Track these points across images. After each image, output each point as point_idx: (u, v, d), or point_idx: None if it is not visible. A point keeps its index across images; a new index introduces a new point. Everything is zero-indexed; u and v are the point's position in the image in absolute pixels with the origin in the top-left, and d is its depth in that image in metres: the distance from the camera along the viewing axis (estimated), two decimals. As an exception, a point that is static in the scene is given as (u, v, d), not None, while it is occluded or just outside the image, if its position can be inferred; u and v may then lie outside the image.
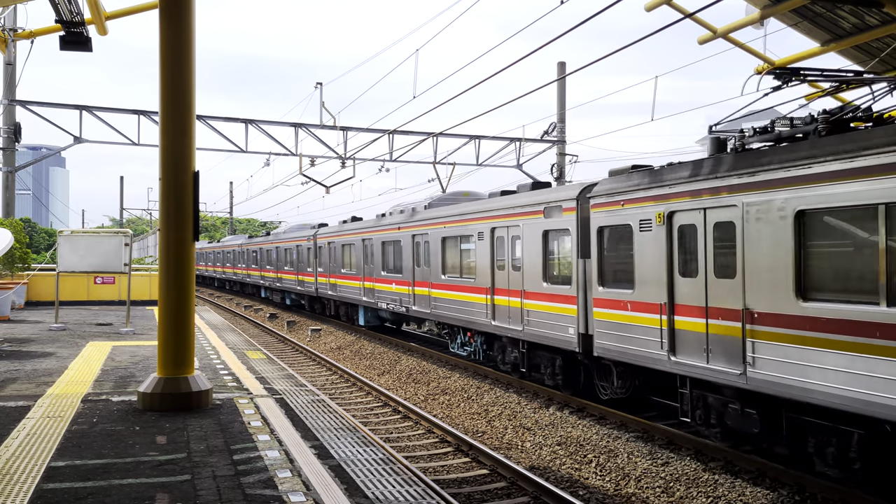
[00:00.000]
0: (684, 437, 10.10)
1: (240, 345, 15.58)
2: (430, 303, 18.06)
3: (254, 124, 27.79)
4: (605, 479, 9.33)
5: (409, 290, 19.37)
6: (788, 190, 8.19)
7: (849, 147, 7.56)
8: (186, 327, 8.66)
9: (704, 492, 8.51)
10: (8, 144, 24.03)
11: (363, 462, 6.46)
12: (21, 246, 21.85)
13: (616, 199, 11.14)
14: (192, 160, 8.71)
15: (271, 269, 36.42)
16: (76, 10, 11.83)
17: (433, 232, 17.94)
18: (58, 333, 16.31)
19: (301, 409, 8.68)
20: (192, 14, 8.67)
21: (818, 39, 13.91)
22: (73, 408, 8.45)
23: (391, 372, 17.62)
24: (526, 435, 11.42)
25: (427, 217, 18.57)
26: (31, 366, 11.58)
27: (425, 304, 18.34)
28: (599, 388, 12.25)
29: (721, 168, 9.23)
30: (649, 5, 13.35)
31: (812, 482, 8.22)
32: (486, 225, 15.19)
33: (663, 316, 10.11)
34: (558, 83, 29.15)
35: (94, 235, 18.23)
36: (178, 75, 8.57)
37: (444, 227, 17.33)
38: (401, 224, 20.13)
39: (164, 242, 8.58)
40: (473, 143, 30.11)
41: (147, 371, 10.91)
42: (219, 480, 5.78)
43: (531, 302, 13.47)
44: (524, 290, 13.67)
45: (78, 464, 6.20)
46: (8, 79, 23.91)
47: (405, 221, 19.88)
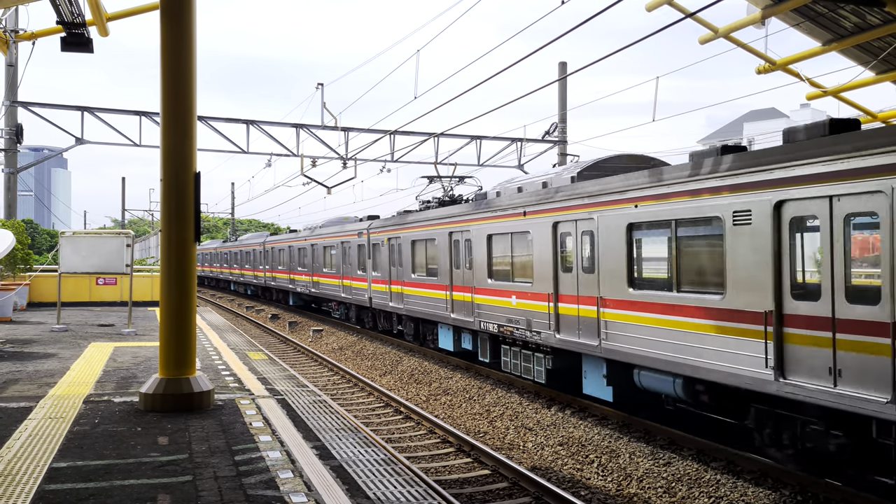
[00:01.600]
0: (686, 438, 10.08)
1: (241, 345, 15.59)
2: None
3: (255, 125, 27.81)
4: (607, 479, 9.32)
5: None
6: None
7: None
8: (188, 328, 8.67)
9: (706, 492, 8.50)
10: (10, 146, 24.06)
11: (365, 462, 6.46)
12: (23, 247, 21.87)
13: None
14: (194, 161, 8.71)
15: (304, 272, 30.85)
16: (77, 12, 11.85)
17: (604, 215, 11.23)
18: (60, 334, 16.33)
19: (303, 409, 8.68)
20: (193, 15, 8.68)
21: (820, 39, 13.90)
22: (75, 409, 8.46)
23: (393, 372, 17.62)
24: (528, 435, 11.41)
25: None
26: (33, 367, 11.59)
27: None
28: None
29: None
30: (650, 5, 13.35)
31: (814, 483, 8.21)
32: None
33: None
34: (559, 83, 29.15)
35: (96, 236, 18.25)
36: (179, 76, 8.57)
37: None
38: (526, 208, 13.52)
39: (166, 243, 8.58)
40: (475, 144, 30.12)
41: (149, 372, 10.92)
42: (220, 481, 5.78)
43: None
44: None
45: (80, 465, 6.20)
46: (9, 80, 23.95)
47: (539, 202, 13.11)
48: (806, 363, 7.81)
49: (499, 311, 14.62)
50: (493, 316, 14.86)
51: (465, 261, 16.23)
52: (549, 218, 12.73)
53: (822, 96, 15.39)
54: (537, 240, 13.10)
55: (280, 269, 35.48)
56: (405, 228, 19.77)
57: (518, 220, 13.79)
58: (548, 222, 12.74)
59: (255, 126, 27.80)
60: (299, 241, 31.74)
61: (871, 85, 14.80)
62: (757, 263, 8.45)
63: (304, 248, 30.93)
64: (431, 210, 18.81)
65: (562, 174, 13.36)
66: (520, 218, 13.72)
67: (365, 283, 22.94)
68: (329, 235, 27.34)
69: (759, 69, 14.87)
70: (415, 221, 19.17)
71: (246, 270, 44.76)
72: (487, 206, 15.19)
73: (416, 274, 19.02)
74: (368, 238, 22.61)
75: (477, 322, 15.53)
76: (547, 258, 12.78)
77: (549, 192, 12.90)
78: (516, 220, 13.87)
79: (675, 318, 9.71)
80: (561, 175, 13.32)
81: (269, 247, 38.06)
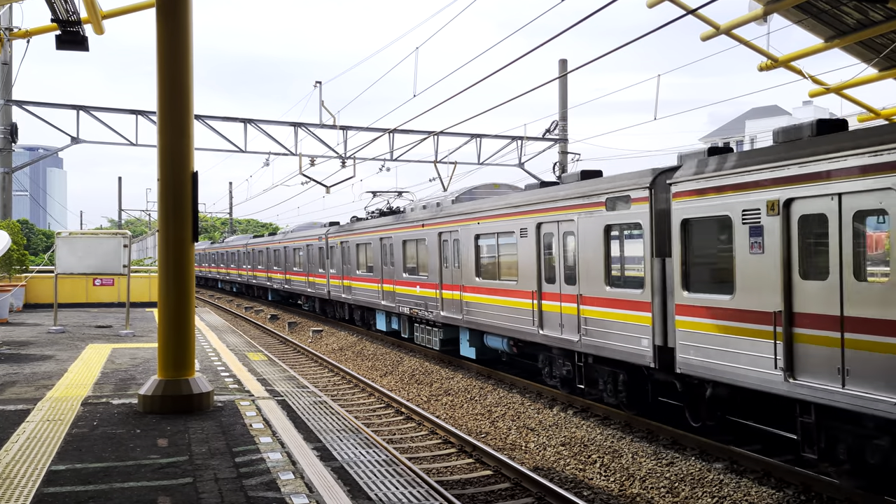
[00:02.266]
0: (689, 438, 10.03)
1: (241, 346, 15.50)
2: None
3: (253, 124, 27.71)
4: (610, 479, 9.26)
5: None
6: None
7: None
8: (186, 329, 8.59)
9: (709, 492, 8.44)
10: (4, 145, 23.93)
11: (366, 463, 6.39)
12: (19, 248, 21.76)
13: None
14: (191, 160, 8.63)
15: (279, 271, 34.06)
16: (72, 9, 11.75)
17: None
18: (57, 336, 16.23)
19: (303, 410, 8.60)
20: (189, 13, 8.60)
21: (822, 36, 13.83)
22: (74, 411, 8.37)
23: (394, 373, 17.55)
24: (530, 435, 11.34)
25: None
26: (30, 369, 11.50)
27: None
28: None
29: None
30: (651, 2, 13.28)
31: (818, 481, 8.15)
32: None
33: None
34: (560, 81, 29.08)
35: (93, 237, 18.14)
36: (175, 75, 8.49)
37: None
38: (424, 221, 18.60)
39: (164, 243, 8.50)
40: (475, 142, 30.05)
41: (147, 373, 10.83)
42: (221, 483, 5.70)
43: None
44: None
45: (78, 467, 6.13)
46: (4, 79, 23.81)
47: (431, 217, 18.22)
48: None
49: (410, 298, 19.45)
50: (406, 301, 19.71)
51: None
52: (435, 229, 17.78)
53: (825, 93, 15.34)
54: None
55: (259, 268, 39.27)
56: (353, 234, 24.14)
57: (419, 230, 18.80)
58: (435, 232, 17.77)
59: (252, 125, 27.70)
60: (274, 244, 35.90)
61: (873, 82, 14.75)
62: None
63: (278, 249, 34.97)
64: (370, 220, 23.20)
65: (448, 197, 18.69)
66: (420, 228, 18.76)
67: (324, 279, 27.26)
68: (298, 239, 31.36)
69: (761, 66, 14.81)
70: (360, 228, 23.61)
71: (231, 270, 47.97)
72: (402, 219, 20.09)
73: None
74: (327, 242, 26.93)
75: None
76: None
77: (437, 210, 18.11)
78: (418, 230, 18.86)
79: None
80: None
81: (250, 248, 41.76)
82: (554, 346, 12.95)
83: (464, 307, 16.21)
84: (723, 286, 9.19)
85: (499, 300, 14.80)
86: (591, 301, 11.78)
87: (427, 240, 18.13)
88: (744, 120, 77.29)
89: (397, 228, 20.19)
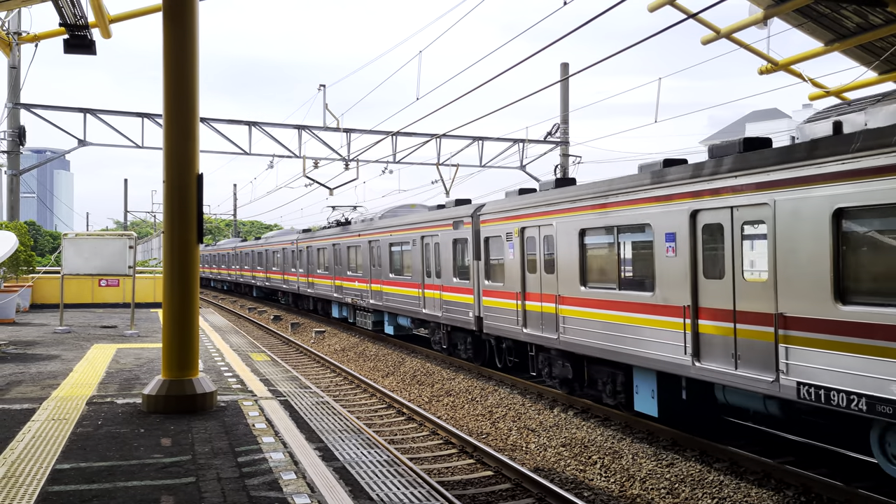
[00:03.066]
0: (689, 439, 10.07)
1: (244, 347, 15.59)
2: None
3: (257, 127, 27.83)
4: (610, 480, 9.31)
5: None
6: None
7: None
8: (191, 329, 8.67)
9: (710, 493, 8.49)
10: (13, 148, 24.09)
11: (368, 464, 6.46)
12: (26, 249, 21.89)
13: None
14: (196, 163, 8.72)
15: (261, 270, 38.97)
16: (80, 14, 11.86)
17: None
18: (62, 336, 16.35)
19: (305, 411, 8.68)
20: (195, 17, 8.69)
21: (822, 39, 13.87)
22: (78, 410, 8.47)
23: (395, 374, 17.62)
24: (530, 436, 11.40)
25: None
26: (35, 368, 11.61)
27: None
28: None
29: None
30: (652, 6, 13.35)
31: (818, 483, 8.19)
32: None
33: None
34: (561, 84, 29.13)
35: (99, 238, 18.26)
36: (181, 78, 8.58)
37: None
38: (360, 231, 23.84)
39: (169, 245, 8.59)
40: (477, 145, 30.11)
41: (151, 373, 10.92)
42: (223, 482, 5.78)
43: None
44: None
45: (83, 466, 6.21)
46: (12, 82, 23.99)
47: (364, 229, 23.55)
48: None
49: (352, 290, 24.40)
50: (350, 293, 24.67)
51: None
52: (366, 237, 23.01)
53: (825, 97, 15.38)
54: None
55: (245, 268, 44.13)
56: (315, 240, 28.94)
57: (357, 238, 23.98)
58: (366, 240, 23.00)
59: (257, 127, 27.82)
60: (258, 247, 40.80)
61: (873, 85, 14.78)
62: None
63: (261, 252, 39.97)
64: (327, 229, 28.25)
65: (377, 214, 23.82)
66: (357, 237, 23.95)
67: (296, 276, 32.24)
68: (276, 243, 36.58)
69: (761, 70, 14.86)
70: (321, 236, 28.44)
71: (222, 270, 53.15)
72: (347, 230, 25.18)
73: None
74: (297, 246, 31.95)
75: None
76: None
77: (368, 223, 23.33)
78: (357, 238, 23.98)
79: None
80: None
81: (238, 251, 46.72)
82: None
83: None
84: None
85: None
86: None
87: (361, 246, 23.41)
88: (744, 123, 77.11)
89: (344, 237, 25.29)
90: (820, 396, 7.80)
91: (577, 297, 12.03)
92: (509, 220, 14.27)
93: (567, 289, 12.32)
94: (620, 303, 11.00)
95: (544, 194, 13.21)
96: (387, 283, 21.17)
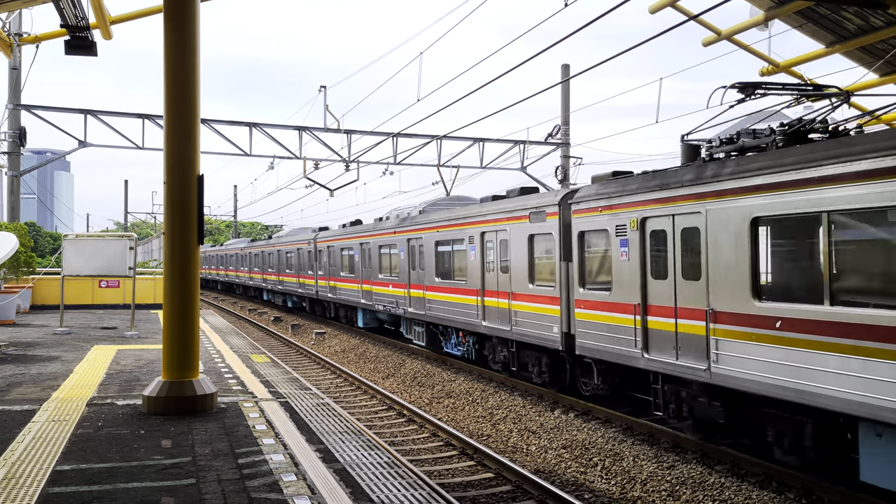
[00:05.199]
0: (690, 441, 10.06)
1: (244, 348, 15.58)
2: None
3: (258, 128, 27.84)
4: (611, 482, 9.29)
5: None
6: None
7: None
8: (191, 331, 8.66)
9: (711, 495, 8.47)
10: (13, 149, 24.10)
11: (368, 465, 6.45)
12: (26, 250, 21.90)
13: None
14: (197, 164, 8.72)
15: (272, 272, 36.24)
16: (81, 15, 11.87)
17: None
18: (63, 337, 16.34)
19: (306, 412, 8.67)
20: (196, 18, 8.69)
21: (823, 41, 13.87)
22: (79, 411, 8.46)
23: (396, 375, 17.60)
24: (531, 438, 11.39)
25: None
26: (36, 369, 11.60)
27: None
28: None
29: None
30: (653, 7, 13.34)
31: (820, 485, 8.18)
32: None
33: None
34: (562, 86, 29.14)
35: (99, 239, 18.26)
36: (182, 79, 8.58)
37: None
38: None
39: (169, 246, 8.58)
40: (477, 146, 30.13)
41: (152, 375, 10.91)
42: (224, 484, 5.77)
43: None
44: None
45: (83, 467, 6.20)
46: (13, 83, 24.00)
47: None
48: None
49: (385, 297, 21.39)
50: (382, 300, 21.61)
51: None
52: (404, 235, 19.86)
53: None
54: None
55: (255, 270, 41.10)
56: (338, 239, 25.97)
57: (392, 236, 20.77)
58: (404, 238, 19.84)
59: (257, 129, 27.83)
60: (269, 248, 37.54)
61: (874, 87, 14.78)
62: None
63: (272, 252, 36.78)
64: (351, 227, 25.42)
65: (416, 208, 20.61)
66: (392, 234, 20.73)
67: (313, 280, 29.40)
68: (289, 243, 33.49)
69: (762, 71, 14.87)
70: (344, 234, 25.41)
71: (230, 272, 50.02)
72: (379, 227, 22.05)
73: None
74: (315, 246, 28.98)
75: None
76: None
77: (406, 219, 20.14)
78: (392, 236, 20.80)
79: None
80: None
81: (247, 252, 43.41)
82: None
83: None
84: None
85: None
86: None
87: (398, 245, 20.38)
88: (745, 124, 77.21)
89: (375, 234, 22.35)
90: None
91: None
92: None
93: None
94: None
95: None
96: (431, 288, 17.94)
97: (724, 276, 9.01)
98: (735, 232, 8.86)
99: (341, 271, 25.61)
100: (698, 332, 9.41)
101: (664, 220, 10.09)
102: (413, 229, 19.17)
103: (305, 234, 31.69)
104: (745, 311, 8.69)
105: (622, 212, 10.97)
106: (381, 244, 21.57)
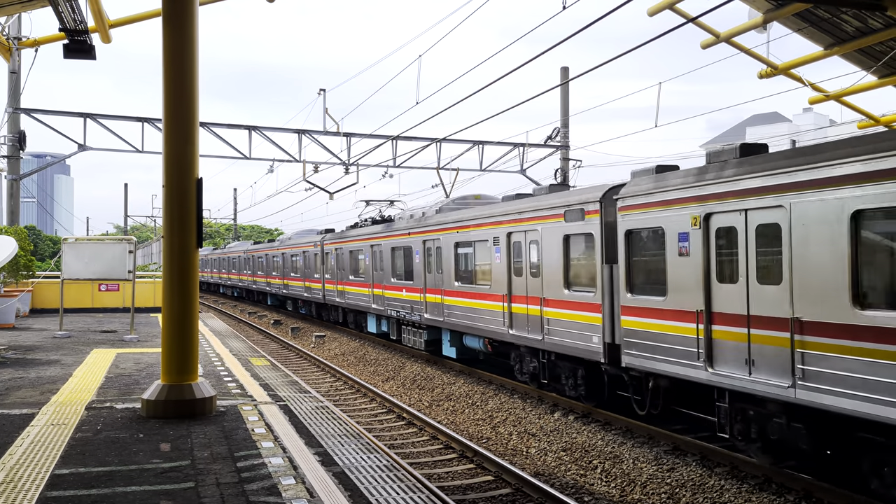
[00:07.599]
0: (690, 443, 10.05)
1: (244, 351, 15.58)
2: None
3: (257, 131, 27.86)
4: (611, 484, 9.28)
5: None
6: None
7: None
8: (190, 334, 8.66)
9: (710, 498, 8.46)
10: (13, 153, 24.12)
11: (367, 469, 6.44)
12: (25, 253, 21.90)
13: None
14: (196, 167, 8.73)
15: (277, 276, 35.18)
16: (80, 19, 11.88)
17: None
18: (62, 341, 16.33)
19: (305, 415, 8.66)
20: (195, 22, 8.70)
21: (821, 43, 13.89)
22: (78, 415, 8.45)
23: (395, 378, 17.59)
24: (531, 441, 11.37)
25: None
26: (35, 373, 11.59)
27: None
28: None
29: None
30: (652, 10, 13.36)
31: (819, 488, 8.17)
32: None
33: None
34: (561, 88, 29.17)
35: (99, 243, 18.26)
36: (181, 82, 8.59)
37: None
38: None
39: (168, 249, 8.59)
40: (477, 149, 30.14)
41: (151, 378, 10.91)
42: (222, 488, 5.76)
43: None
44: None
45: (82, 471, 6.19)
46: (12, 87, 24.02)
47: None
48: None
49: (398, 302, 20.09)
50: (395, 305, 20.27)
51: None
52: (419, 237, 18.57)
53: (825, 100, 15.41)
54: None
55: (259, 273, 40.04)
56: (347, 241, 24.85)
57: (405, 237, 19.55)
58: (419, 239, 18.53)
59: (257, 132, 27.85)
60: (273, 250, 36.48)
61: (873, 89, 14.81)
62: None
63: (276, 255, 35.83)
64: (360, 228, 24.14)
65: (432, 207, 19.32)
66: (406, 236, 19.52)
67: (320, 283, 28.27)
68: (295, 246, 32.51)
69: (761, 73, 14.89)
70: (353, 236, 24.28)
71: (232, 275, 48.51)
72: (390, 228, 20.81)
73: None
74: (322, 248, 27.90)
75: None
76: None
77: (421, 219, 18.78)
78: (405, 237, 19.56)
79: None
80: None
81: (250, 255, 42.12)
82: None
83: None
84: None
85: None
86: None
87: (412, 247, 19.19)
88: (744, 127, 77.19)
89: (387, 236, 21.11)
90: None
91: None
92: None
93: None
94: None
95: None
96: (450, 293, 16.72)
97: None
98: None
99: (350, 275, 24.43)
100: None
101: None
102: (430, 230, 17.82)
103: (311, 237, 30.50)
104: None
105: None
106: (395, 246, 20.24)
